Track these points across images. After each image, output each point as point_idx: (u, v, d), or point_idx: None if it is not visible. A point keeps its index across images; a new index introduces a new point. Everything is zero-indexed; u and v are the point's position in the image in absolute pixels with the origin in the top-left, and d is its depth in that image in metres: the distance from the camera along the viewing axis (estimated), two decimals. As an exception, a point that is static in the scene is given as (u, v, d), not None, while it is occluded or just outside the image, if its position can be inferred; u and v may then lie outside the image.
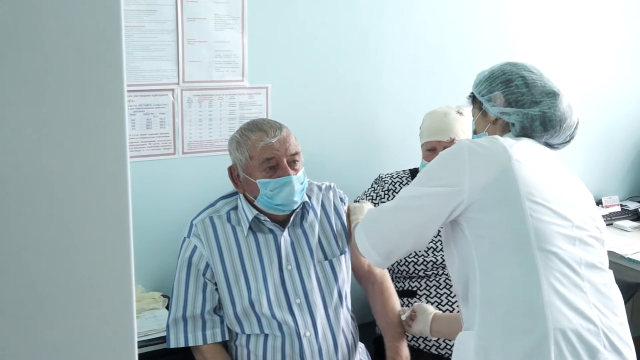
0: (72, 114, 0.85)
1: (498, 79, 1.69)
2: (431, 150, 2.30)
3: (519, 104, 1.64)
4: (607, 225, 3.17)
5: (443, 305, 2.30)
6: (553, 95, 1.64)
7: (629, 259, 2.80)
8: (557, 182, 1.56)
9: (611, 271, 1.55)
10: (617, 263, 2.81)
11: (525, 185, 1.48)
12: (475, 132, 1.80)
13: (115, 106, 0.87)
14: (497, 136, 1.61)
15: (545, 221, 1.47)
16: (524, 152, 1.55)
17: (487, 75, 1.72)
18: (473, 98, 1.80)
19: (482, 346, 1.44)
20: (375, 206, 2.41)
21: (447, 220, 1.55)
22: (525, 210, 1.46)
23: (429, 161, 2.33)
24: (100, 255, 0.90)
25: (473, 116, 1.81)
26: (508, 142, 1.56)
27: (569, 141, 1.71)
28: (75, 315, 0.90)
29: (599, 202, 3.36)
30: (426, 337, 2.30)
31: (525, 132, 1.65)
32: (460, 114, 2.32)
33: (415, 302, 2.33)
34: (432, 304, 2.30)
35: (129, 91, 2.19)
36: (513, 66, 1.70)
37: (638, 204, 3.41)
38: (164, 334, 1.96)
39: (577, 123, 1.68)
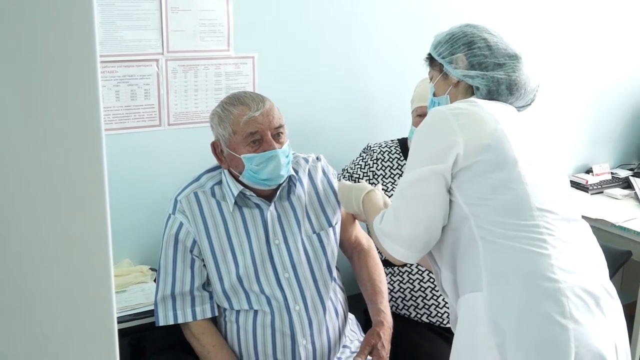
0: (41, 83, 0.81)
1: (460, 40, 1.66)
2: (421, 115, 2.32)
3: (482, 66, 1.63)
4: (597, 193, 3.22)
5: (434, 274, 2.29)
6: (515, 57, 1.64)
7: (620, 227, 2.80)
8: (533, 141, 1.57)
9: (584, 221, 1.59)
10: (608, 231, 2.81)
11: (516, 147, 1.49)
12: (435, 95, 1.76)
13: (87, 73, 0.83)
14: (475, 99, 1.60)
15: (537, 181, 1.48)
16: (502, 113, 1.55)
17: (447, 37, 1.69)
18: (431, 60, 1.77)
19: (495, 307, 1.43)
20: (359, 179, 2.39)
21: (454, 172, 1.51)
22: (521, 172, 1.47)
23: (417, 127, 2.33)
24: (74, 231, 0.87)
25: (431, 79, 1.78)
26: (486, 103, 1.55)
27: (530, 104, 1.71)
28: (49, 293, 0.87)
29: (589, 170, 3.35)
30: (417, 306, 2.30)
31: (492, 95, 1.64)
32: None
33: (406, 271, 2.33)
34: (422, 272, 2.31)
35: (112, 61, 2.15)
36: (474, 28, 1.68)
37: (629, 171, 3.40)
38: (152, 307, 1.94)
39: (538, 86, 1.69)
